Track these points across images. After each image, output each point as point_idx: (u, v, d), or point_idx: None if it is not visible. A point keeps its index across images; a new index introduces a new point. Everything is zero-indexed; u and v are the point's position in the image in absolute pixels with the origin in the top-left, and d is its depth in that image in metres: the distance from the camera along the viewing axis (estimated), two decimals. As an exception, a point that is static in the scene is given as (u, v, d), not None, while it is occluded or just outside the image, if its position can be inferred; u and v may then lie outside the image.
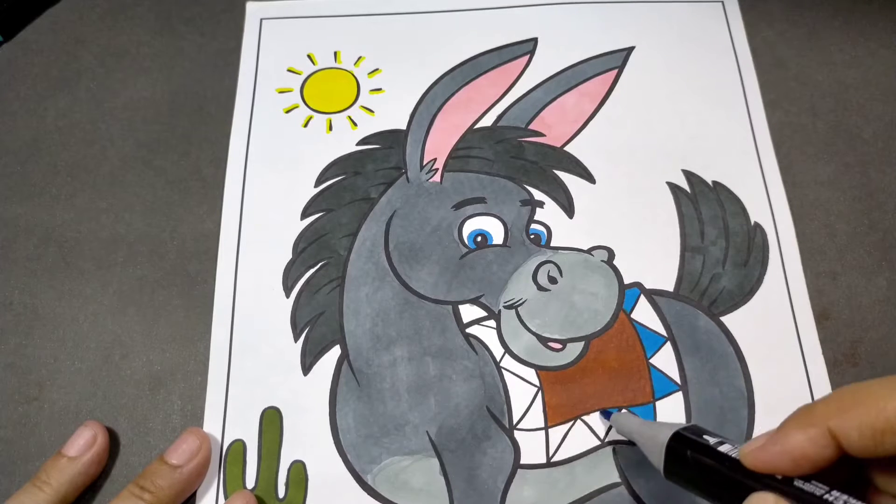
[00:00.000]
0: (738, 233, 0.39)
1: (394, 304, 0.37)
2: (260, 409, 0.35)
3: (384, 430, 0.34)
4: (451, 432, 0.34)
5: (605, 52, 0.44)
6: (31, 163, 0.41)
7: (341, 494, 0.33)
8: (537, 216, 0.39)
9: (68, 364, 0.36)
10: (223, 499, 0.33)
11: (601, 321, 0.37)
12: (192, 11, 0.46)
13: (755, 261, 0.38)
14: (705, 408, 0.35)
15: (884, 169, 0.41)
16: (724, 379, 0.35)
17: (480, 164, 0.41)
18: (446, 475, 0.34)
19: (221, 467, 0.34)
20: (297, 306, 0.37)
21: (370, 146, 0.41)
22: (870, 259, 0.38)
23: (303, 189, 0.40)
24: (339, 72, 0.43)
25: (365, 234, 0.39)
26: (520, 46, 0.44)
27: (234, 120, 0.42)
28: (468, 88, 0.43)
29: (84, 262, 0.39)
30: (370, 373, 0.36)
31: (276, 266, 0.38)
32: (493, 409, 0.35)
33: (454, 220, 0.39)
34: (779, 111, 0.42)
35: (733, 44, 0.44)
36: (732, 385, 0.35)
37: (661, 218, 0.39)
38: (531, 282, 0.37)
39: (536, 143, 0.41)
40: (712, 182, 0.40)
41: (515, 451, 0.34)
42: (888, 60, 0.44)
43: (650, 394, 0.35)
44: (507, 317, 0.37)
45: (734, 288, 0.37)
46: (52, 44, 0.45)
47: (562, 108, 0.42)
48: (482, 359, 0.36)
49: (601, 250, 0.38)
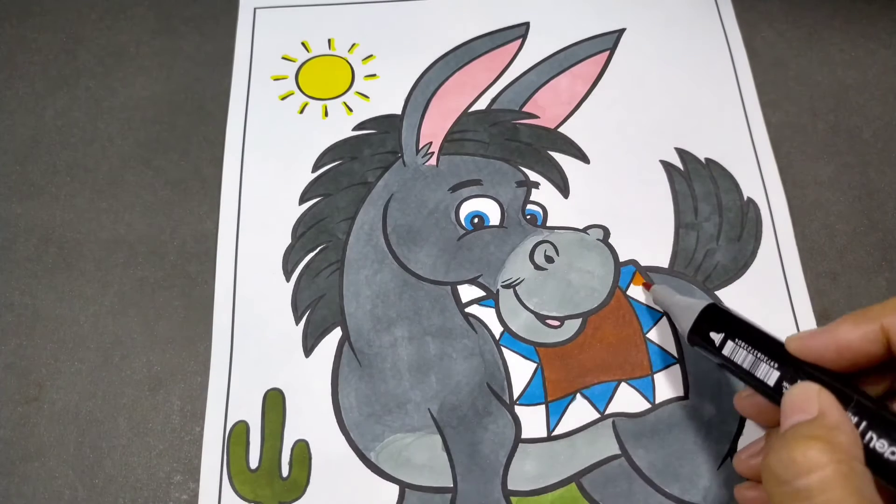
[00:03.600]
0: (732, 208, 0.39)
1: (393, 285, 0.37)
2: (263, 391, 0.35)
3: (386, 409, 0.35)
4: (452, 409, 0.35)
5: (597, 34, 0.44)
6: (31, 162, 0.41)
7: (345, 472, 0.34)
8: (533, 197, 0.40)
9: (68, 364, 0.36)
10: (226, 479, 0.34)
11: (598, 298, 0.37)
12: (192, 11, 0.46)
13: (749, 235, 0.39)
14: (702, 380, 0.35)
15: (884, 169, 0.41)
16: (721, 351, 0.36)
17: (476, 147, 0.41)
18: (448, 451, 0.34)
19: (225, 448, 0.34)
20: (298, 290, 0.37)
21: (366, 131, 0.42)
22: (870, 259, 0.39)
23: (300, 174, 0.40)
24: (334, 58, 0.44)
25: (363, 218, 0.39)
26: (512, 31, 0.45)
27: (229, 108, 0.42)
28: (462, 73, 0.43)
29: (84, 263, 0.39)
30: (371, 353, 0.36)
31: (275, 251, 0.38)
32: (493, 386, 0.35)
33: (451, 202, 0.39)
34: (778, 111, 0.42)
35: (722, 22, 0.45)
36: (728, 357, 0.36)
37: (655, 196, 0.40)
38: (528, 261, 0.38)
39: (531, 125, 0.42)
40: (705, 159, 0.41)
41: (516, 426, 0.34)
42: (888, 60, 0.44)
43: (648, 367, 0.36)
44: (505, 296, 0.37)
45: (728, 262, 0.38)
46: (51, 43, 0.45)
47: (555, 91, 0.43)
48: (482, 337, 0.36)
49: (596, 229, 0.39)
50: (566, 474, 0.34)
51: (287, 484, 0.33)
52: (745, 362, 0.28)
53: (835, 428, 0.22)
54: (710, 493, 0.33)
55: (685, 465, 0.34)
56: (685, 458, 0.34)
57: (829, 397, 0.23)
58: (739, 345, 0.28)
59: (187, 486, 0.34)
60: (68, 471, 0.34)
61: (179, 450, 0.34)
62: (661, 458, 0.34)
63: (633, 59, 0.44)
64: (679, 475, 0.33)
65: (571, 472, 0.34)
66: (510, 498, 0.33)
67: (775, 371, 0.27)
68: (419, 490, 0.33)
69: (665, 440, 0.34)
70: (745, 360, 0.28)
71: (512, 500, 0.33)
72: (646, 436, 0.34)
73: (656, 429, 0.34)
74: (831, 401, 0.23)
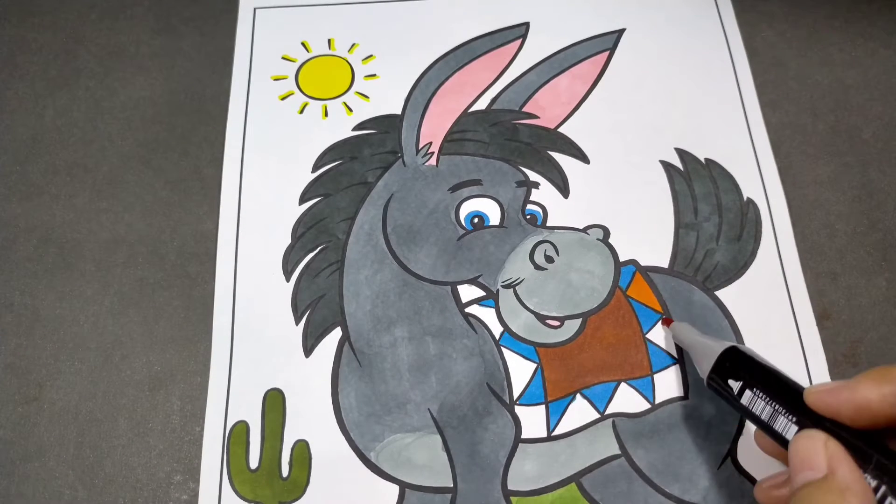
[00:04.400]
0: (731, 208, 0.39)
1: (393, 285, 0.37)
2: (262, 391, 0.35)
3: (386, 409, 0.35)
4: (452, 409, 0.35)
5: (597, 34, 0.44)
6: (31, 162, 0.41)
7: (345, 472, 0.34)
8: (533, 197, 0.40)
9: (68, 364, 0.36)
10: (226, 479, 0.34)
11: (598, 298, 0.37)
12: (191, 11, 0.46)
13: (748, 235, 0.39)
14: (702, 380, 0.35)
15: (884, 169, 0.41)
16: (720, 351, 0.36)
17: (476, 147, 0.41)
18: (448, 451, 0.34)
19: (225, 448, 0.34)
20: (298, 290, 0.37)
21: (366, 131, 0.42)
22: (870, 259, 0.39)
23: (300, 174, 0.40)
24: (334, 58, 0.44)
25: (363, 218, 0.39)
26: (512, 31, 0.45)
27: (229, 108, 0.42)
28: (462, 73, 0.43)
29: (84, 263, 0.39)
30: (371, 353, 0.36)
31: (275, 251, 0.38)
32: (493, 386, 0.35)
33: (451, 202, 0.39)
34: (778, 111, 0.42)
35: (722, 23, 0.45)
36: (728, 357, 0.36)
37: (655, 196, 0.40)
38: (528, 261, 0.38)
39: (530, 125, 0.42)
40: (705, 159, 0.41)
41: (516, 426, 0.34)
42: (888, 60, 0.44)
43: (648, 367, 0.36)
44: (505, 296, 0.37)
45: (728, 263, 0.38)
46: (50, 43, 0.45)
47: (555, 91, 0.43)
48: (482, 337, 0.36)
49: (596, 229, 0.39)
50: (566, 474, 0.34)
51: (287, 484, 0.33)
52: (763, 413, 0.27)
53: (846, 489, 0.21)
54: (710, 494, 0.33)
55: (685, 465, 0.34)
56: (685, 459, 0.34)
57: (839, 450, 0.22)
58: (758, 395, 0.27)
59: (187, 486, 0.34)
60: (68, 471, 0.34)
61: (179, 450, 0.34)
62: (660, 458, 0.34)
63: (632, 59, 0.44)
64: (679, 475, 0.34)
65: (571, 472, 0.34)
66: (510, 498, 0.33)
67: (794, 425, 0.25)
68: (419, 490, 0.33)
69: (665, 440, 0.34)
70: (763, 411, 0.27)
71: (512, 500, 0.33)
72: (646, 436, 0.34)
73: (656, 429, 0.34)
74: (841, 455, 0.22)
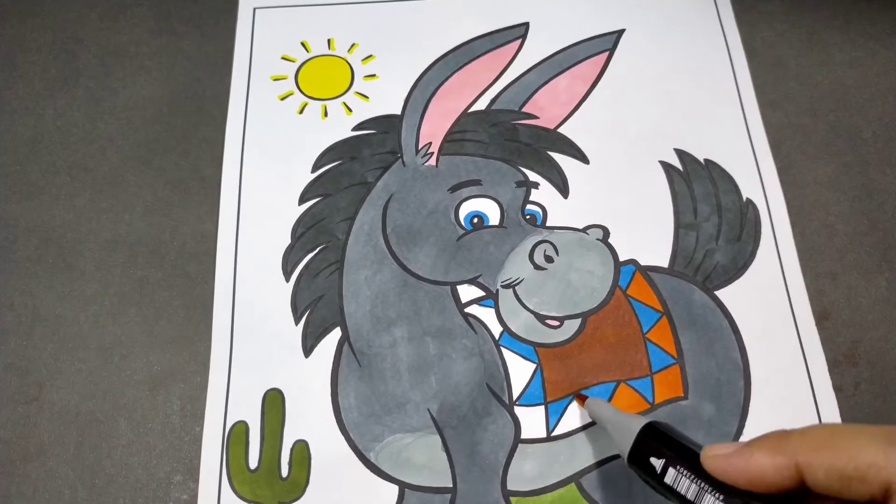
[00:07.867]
0: (731, 209, 0.39)
1: (393, 285, 0.37)
2: (262, 392, 0.35)
3: (386, 409, 0.35)
4: (452, 409, 0.35)
5: (596, 34, 0.44)
6: (31, 162, 0.41)
7: (344, 472, 0.34)
8: (532, 197, 0.40)
9: (68, 364, 0.36)
10: (226, 479, 0.34)
11: (598, 298, 0.37)
12: (191, 11, 0.46)
13: (748, 236, 0.39)
14: (702, 380, 0.35)
15: (884, 169, 0.41)
16: (720, 351, 0.36)
17: (475, 147, 0.41)
18: (448, 451, 0.34)
19: (224, 448, 0.34)
20: (297, 290, 0.37)
21: (366, 131, 0.42)
22: (870, 259, 0.39)
23: (300, 175, 0.40)
24: (333, 59, 0.44)
25: (363, 218, 0.39)
26: (512, 31, 0.45)
27: (229, 108, 0.42)
28: (461, 73, 0.43)
29: (84, 263, 0.39)
30: (371, 353, 0.36)
31: (275, 251, 0.38)
32: (492, 386, 0.35)
33: (450, 202, 0.39)
34: (778, 111, 0.42)
35: (722, 25, 0.45)
36: (728, 357, 0.36)
37: (655, 196, 0.40)
38: (528, 261, 0.38)
39: (530, 125, 0.42)
40: (704, 160, 0.41)
41: (516, 427, 0.34)
42: (888, 60, 0.44)
43: (647, 367, 0.36)
44: (504, 296, 0.37)
45: (728, 263, 0.38)
46: (51, 43, 0.45)
47: (554, 91, 0.43)
48: (481, 337, 0.36)
49: (596, 229, 0.39)
50: (566, 474, 0.34)
51: (287, 484, 0.33)
52: (689, 492, 0.25)
53: None
54: (709, 494, 0.33)
55: (684, 465, 0.34)
56: (684, 459, 0.34)
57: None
58: (682, 472, 0.25)
59: (187, 486, 0.34)
60: (68, 471, 0.34)
61: (179, 450, 0.35)
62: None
63: (632, 59, 0.44)
64: (678, 475, 0.33)
65: (571, 473, 0.34)
66: (510, 498, 0.33)
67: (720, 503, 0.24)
68: (419, 490, 0.33)
69: (664, 440, 0.34)
70: (688, 489, 0.25)
71: (511, 500, 0.33)
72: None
73: (656, 429, 0.34)
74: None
